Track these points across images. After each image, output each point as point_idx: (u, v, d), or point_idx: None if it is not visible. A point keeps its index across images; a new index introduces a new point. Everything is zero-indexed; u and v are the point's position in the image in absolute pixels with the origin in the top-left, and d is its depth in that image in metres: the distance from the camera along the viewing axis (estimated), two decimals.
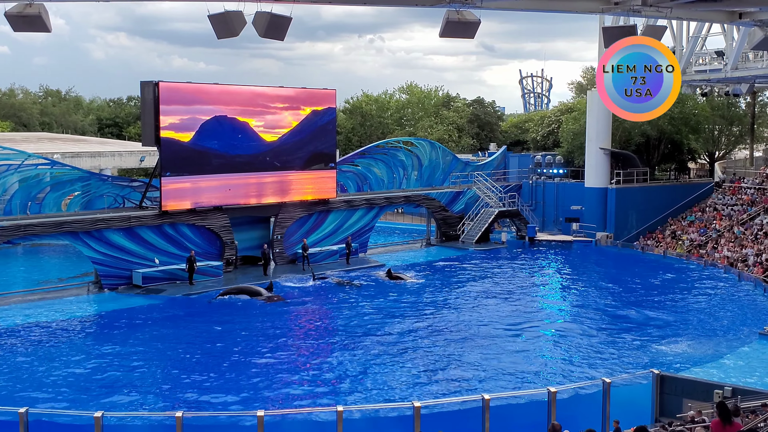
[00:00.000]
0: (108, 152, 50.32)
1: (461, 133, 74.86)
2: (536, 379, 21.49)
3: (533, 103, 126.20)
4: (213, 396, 20.09)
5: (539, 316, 29.88)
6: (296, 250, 38.23)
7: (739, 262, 39.27)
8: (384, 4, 18.37)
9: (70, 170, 33.79)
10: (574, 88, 75.59)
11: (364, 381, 21.46)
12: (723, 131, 61.09)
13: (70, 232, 31.47)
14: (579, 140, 52.25)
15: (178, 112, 33.52)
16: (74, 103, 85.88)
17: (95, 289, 32.77)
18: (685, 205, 50.11)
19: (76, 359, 23.39)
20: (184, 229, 34.49)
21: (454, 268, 38.96)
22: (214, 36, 16.33)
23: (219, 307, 30.34)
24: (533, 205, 51.16)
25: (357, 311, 29.71)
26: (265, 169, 36.77)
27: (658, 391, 18.04)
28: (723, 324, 27.92)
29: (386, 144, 46.26)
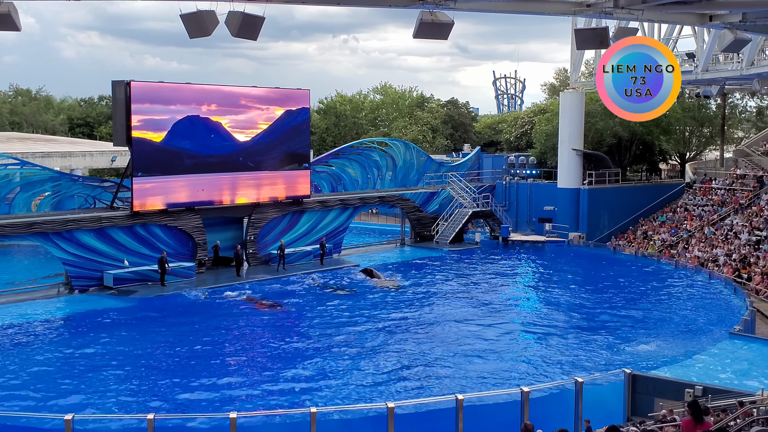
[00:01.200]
0: (79, 152, 49.84)
1: (435, 134, 75.02)
2: (509, 378, 21.54)
3: (507, 105, 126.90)
4: (185, 398, 19.94)
5: (512, 316, 29.98)
6: (270, 251, 38.08)
7: (710, 262, 39.69)
8: (358, 4, 18.35)
9: (40, 170, 33.40)
10: (547, 89, 76.07)
11: (337, 381, 21.39)
12: (694, 132, 61.83)
13: (40, 232, 31.09)
14: (552, 141, 52.61)
15: (150, 112, 33.23)
16: (45, 102, 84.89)
17: (66, 290, 32.42)
18: (657, 206, 50.61)
19: (44, 360, 23.12)
20: (155, 229, 34.21)
21: (428, 268, 38.98)
22: (187, 35, 16.22)
23: (191, 308, 30.16)
24: (507, 206, 51.41)
25: (334, 312, 29.65)
26: (238, 170, 36.57)
27: (630, 390, 18.18)
28: (694, 324, 28.17)
29: (360, 144, 46.22)
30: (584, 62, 54.82)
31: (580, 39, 21.56)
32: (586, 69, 56.60)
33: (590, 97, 51.01)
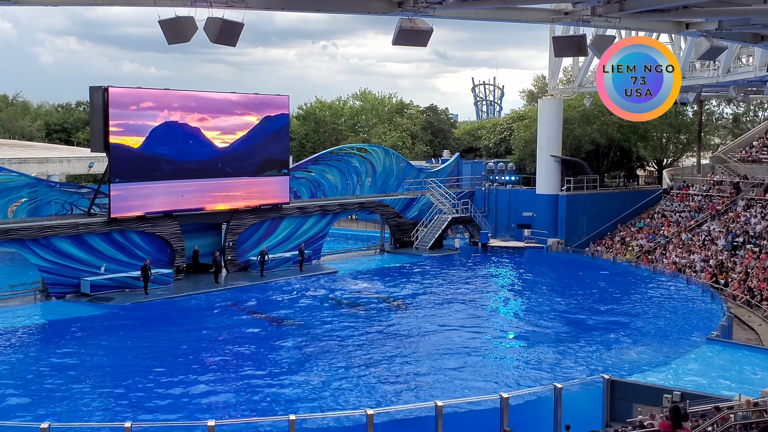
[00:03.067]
0: (56, 158, 49.47)
1: (415, 140, 75.19)
2: (488, 384, 21.55)
3: (486, 111, 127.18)
4: (161, 406, 19.77)
5: (492, 322, 30.04)
6: (249, 257, 37.93)
7: (687, 267, 39.97)
8: (338, 11, 18.31)
9: (16, 176, 33.08)
10: (526, 96, 76.44)
11: (316, 390, 21.31)
12: (671, 139, 62.34)
13: (17, 239, 30.79)
14: (530, 147, 52.83)
15: (127, 118, 33.04)
16: (21, 108, 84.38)
17: (42, 297, 32.11)
18: (634, 212, 50.92)
19: (19, 368, 22.88)
20: (133, 236, 33.98)
21: (408, 274, 38.98)
22: (165, 41, 16.13)
23: (169, 315, 29.98)
24: (486, 212, 51.52)
25: (313, 316, 29.57)
26: (217, 176, 36.43)
27: (609, 396, 18.26)
28: (672, 329, 28.32)
29: (340, 150, 46.18)
30: (562, 69, 55.14)
31: (558, 46, 21.68)
32: (564, 76, 56.92)
33: (568, 103, 51.28)
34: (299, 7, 17.98)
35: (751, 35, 22.92)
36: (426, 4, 16.86)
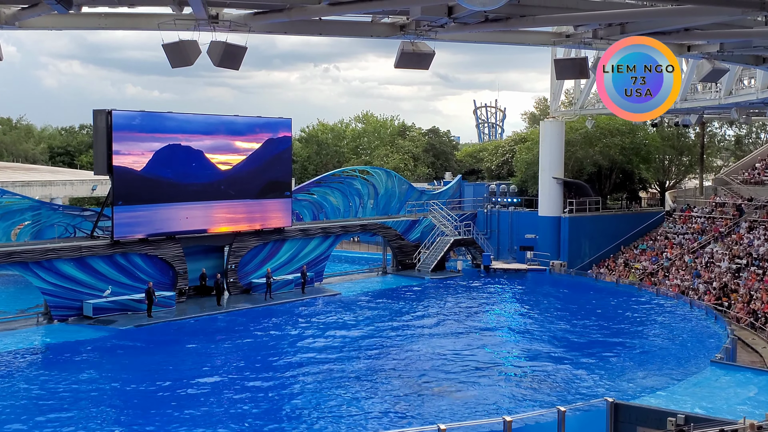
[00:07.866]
0: (59, 181, 49.49)
1: (417, 162, 75.28)
2: (492, 407, 21.45)
3: (487, 133, 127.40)
4: (172, 428, 19.71)
5: (495, 344, 29.91)
6: (252, 280, 37.90)
7: (690, 290, 39.86)
8: (340, 34, 18.45)
9: (20, 199, 33.16)
10: (527, 118, 76.64)
11: (321, 413, 21.23)
12: (673, 161, 62.39)
13: (20, 262, 30.81)
14: (532, 170, 52.87)
15: (131, 141, 33.16)
16: (25, 131, 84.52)
17: (45, 320, 32.08)
18: (637, 234, 50.87)
19: (18, 391, 22.80)
20: (136, 259, 33.98)
21: (410, 296, 38.90)
22: (168, 64, 16.22)
23: (172, 338, 29.92)
24: (488, 234, 51.48)
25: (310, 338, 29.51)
26: (220, 198, 36.49)
27: (613, 419, 18.11)
28: (675, 352, 28.22)
29: (342, 173, 46.27)
30: (564, 92, 55.31)
31: (559, 69, 21.79)
32: (566, 98, 57.08)
33: (570, 125, 51.36)
34: (302, 30, 18.11)
35: (753, 57, 23.06)
36: (428, 28, 16.98)
